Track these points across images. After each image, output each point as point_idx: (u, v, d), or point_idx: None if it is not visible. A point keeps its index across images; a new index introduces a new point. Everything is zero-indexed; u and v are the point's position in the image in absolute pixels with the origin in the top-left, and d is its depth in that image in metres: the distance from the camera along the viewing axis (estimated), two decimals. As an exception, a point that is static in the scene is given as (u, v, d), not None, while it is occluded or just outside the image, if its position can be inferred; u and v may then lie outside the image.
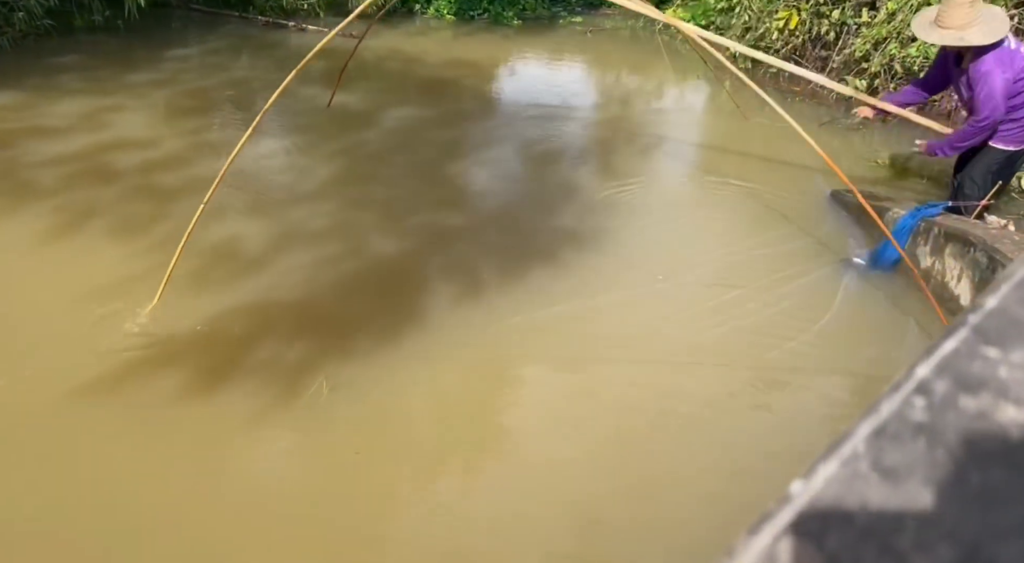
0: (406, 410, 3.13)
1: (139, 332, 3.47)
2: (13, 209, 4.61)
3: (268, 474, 2.80)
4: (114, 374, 3.20)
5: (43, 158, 5.46)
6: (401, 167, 5.63)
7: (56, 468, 2.76)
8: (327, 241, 4.38)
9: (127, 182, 5.13)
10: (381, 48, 9.10)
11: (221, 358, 3.34)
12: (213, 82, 7.66)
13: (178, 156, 5.62)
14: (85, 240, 4.35)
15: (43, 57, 7.95)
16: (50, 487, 2.68)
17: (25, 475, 2.73)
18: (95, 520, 2.55)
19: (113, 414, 3.02)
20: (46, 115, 6.32)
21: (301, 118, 6.72)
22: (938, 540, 0.36)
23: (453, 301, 3.88)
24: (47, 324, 3.55)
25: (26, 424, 2.94)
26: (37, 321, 3.58)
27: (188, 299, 3.75)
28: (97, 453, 2.84)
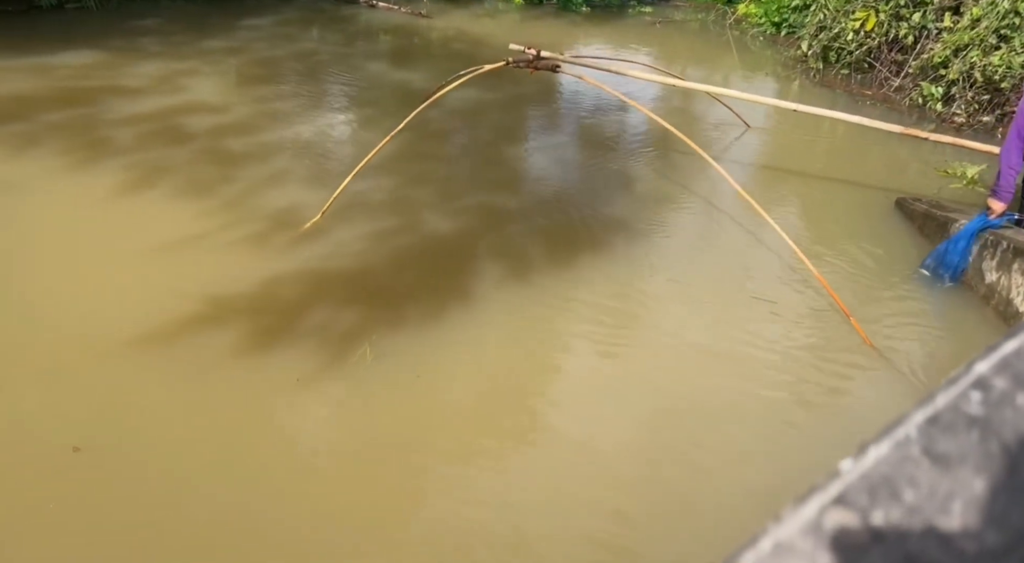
0: (447, 382, 3.19)
1: (201, 288, 3.60)
2: (90, 162, 4.81)
3: (310, 433, 2.89)
4: (175, 326, 3.33)
5: (120, 116, 5.67)
6: (460, 147, 5.68)
7: (111, 411, 2.89)
8: (384, 215, 4.46)
9: (197, 144, 5.30)
10: (448, 28, 9.15)
11: (277, 319, 3.45)
12: (283, 53, 7.81)
13: (246, 122, 5.77)
14: (154, 197, 4.52)
15: (126, 20, 8.22)
16: (102, 428, 2.81)
17: (81, 414, 2.87)
18: (141, 463, 2.68)
19: (171, 364, 3.15)
20: (126, 75, 6.55)
21: (368, 91, 6.81)
22: (985, 525, 0.38)
23: (501, 280, 3.92)
24: (113, 274, 3.72)
25: (88, 367, 3.09)
26: (104, 270, 3.75)
27: (249, 261, 3.87)
28: (151, 400, 2.97)
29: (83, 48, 7.14)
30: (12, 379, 3.00)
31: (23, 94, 5.85)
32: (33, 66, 6.47)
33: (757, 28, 9.68)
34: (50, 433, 2.75)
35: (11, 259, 3.77)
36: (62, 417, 2.83)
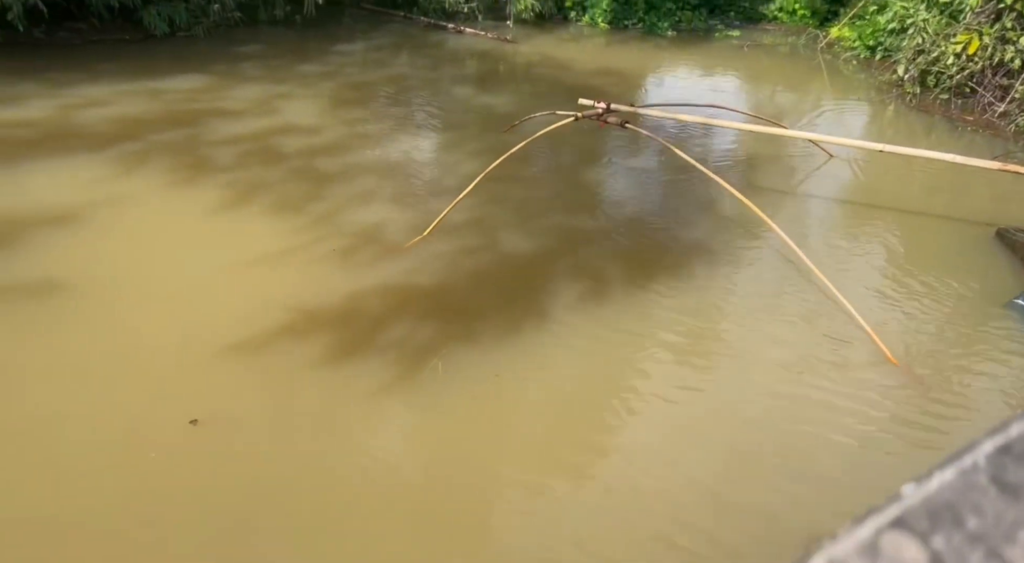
0: (518, 404, 3.22)
1: (290, 300, 3.76)
2: (193, 180, 5.12)
3: (382, 444, 2.97)
4: (265, 335, 3.49)
5: (222, 137, 6.01)
6: (540, 168, 5.74)
7: (196, 412, 3.05)
8: (464, 234, 4.55)
9: (290, 164, 5.55)
10: (532, 53, 9.29)
11: (358, 332, 3.57)
12: (374, 77, 8.11)
13: (336, 143, 6.02)
14: (250, 213, 4.75)
15: (230, 46, 8.73)
16: (187, 431, 2.97)
17: (168, 415, 3.04)
18: (216, 466, 2.81)
19: (255, 371, 3.30)
20: (227, 98, 6.94)
21: (453, 115, 6.99)
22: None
23: (576, 302, 3.93)
24: (213, 283, 3.93)
25: (178, 372, 3.27)
26: (204, 280, 3.97)
27: (335, 275, 4.02)
28: (234, 404, 3.12)
29: (191, 73, 7.61)
30: (121, 374, 3.20)
31: (137, 115, 6.29)
32: (147, 90, 6.95)
33: (850, 52, 9.42)
34: (145, 439, 2.92)
35: (125, 266, 4.05)
36: (156, 421, 3.01)
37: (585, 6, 10.64)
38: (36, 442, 2.85)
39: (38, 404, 3.05)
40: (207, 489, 2.69)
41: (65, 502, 2.61)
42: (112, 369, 3.28)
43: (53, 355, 3.34)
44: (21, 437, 2.88)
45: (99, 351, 3.39)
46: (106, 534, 2.50)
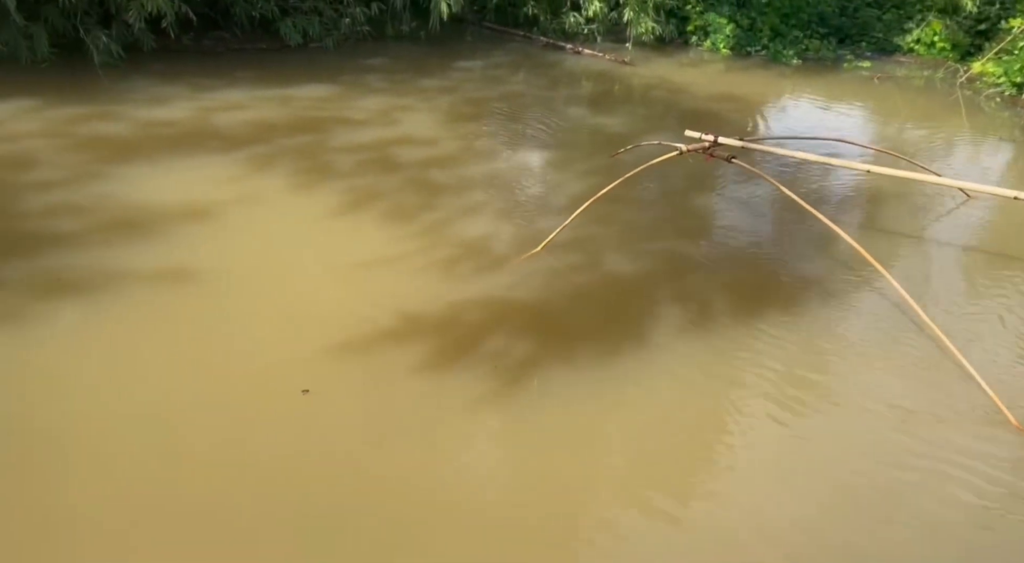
0: (614, 428, 3.18)
1: (395, 305, 3.87)
2: (315, 184, 5.37)
3: (469, 455, 3.00)
4: (369, 337, 3.61)
5: (344, 144, 6.29)
6: (648, 191, 5.67)
7: (299, 406, 3.18)
8: (568, 252, 4.55)
9: (405, 174, 5.73)
10: (650, 76, 9.23)
11: (457, 341, 3.63)
12: (490, 93, 8.27)
13: (450, 156, 6.17)
14: (364, 219, 4.94)
15: (357, 58, 9.14)
16: (287, 429, 3.09)
17: (272, 405, 3.17)
18: (311, 460, 2.90)
19: (358, 369, 3.42)
20: (352, 108, 7.26)
21: (565, 134, 7.04)
22: None
23: (680, 330, 3.85)
24: (325, 283, 4.12)
25: (287, 363, 3.42)
26: (317, 279, 4.17)
27: (440, 283, 4.12)
28: (334, 399, 3.23)
29: (319, 82, 8.01)
30: (234, 359, 3.39)
31: (269, 120, 6.68)
32: (279, 96, 7.38)
33: (994, 88, 8.83)
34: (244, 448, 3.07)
35: (248, 259, 4.32)
36: (260, 408, 3.16)
37: (707, 31, 10.48)
38: (154, 413, 3.06)
39: (160, 379, 3.27)
40: (301, 482, 2.79)
41: (169, 481, 2.77)
42: (226, 354, 3.49)
43: (177, 336, 3.58)
44: (146, 406, 3.09)
45: (217, 335, 3.61)
46: (211, 509, 2.64)
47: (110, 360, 3.39)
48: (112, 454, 2.86)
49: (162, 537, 2.52)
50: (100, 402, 3.12)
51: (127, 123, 6.35)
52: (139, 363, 3.38)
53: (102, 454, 2.85)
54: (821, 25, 10.62)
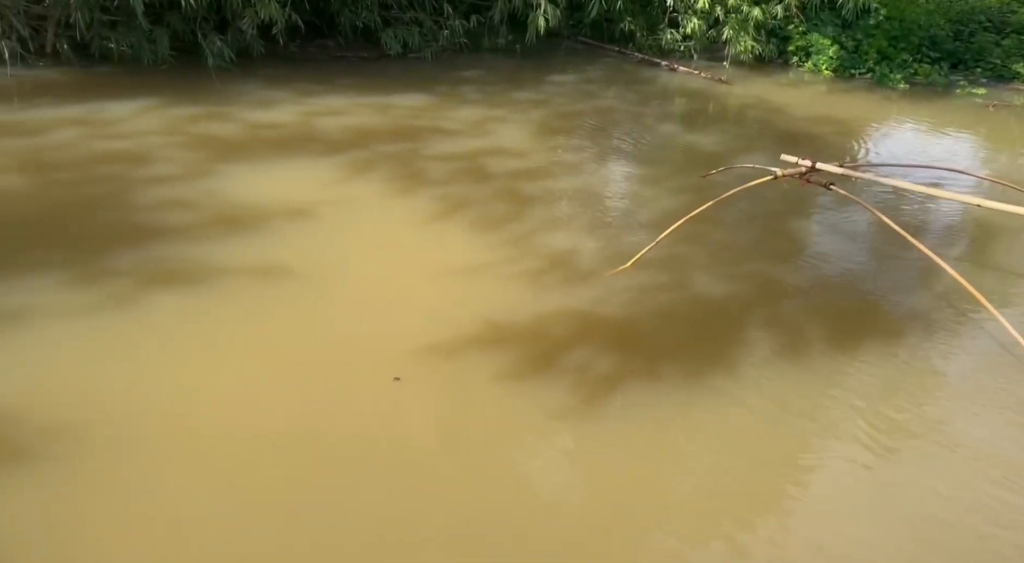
0: (693, 453, 3.12)
1: (481, 313, 3.91)
2: (408, 190, 5.51)
3: (544, 468, 2.99)
4: (453, 343, 3.65)
5: (437, 153, 6.42)
6: (741, 212, 5.54)
7: (380, 405, 3.25)
8: (655, 270, 4.50)
9: (495, 184, 5.80)
10: (746, 95, 9.04)
11: (540, 353, 3.64)
12: (581, 108, 8.28)
13: (539, 168, 6.21)
14: (453, 226, 5.02)
15: (454, 69, 9.33)
16: (367, 423, 3.16)
17: (353, 404, 3.25)
18: (388, 460, 2.95)
19: (439, 373, 3.46)
20: (446, 118, 7.41)
21: (657, 151, 6.98)
22: None
23: (768, 358, 3.75)
24: (413, 287, 4.21)
25: (371, 362, 3.50)
26: (406, 283, 4.26)
27: (525, 295, 4.14)
28: (414, 401, 3.28)
29: (416, 92, 8.21)
30: (320, 356, 3.50)
31: (367, 126, 6.89)
32: (377, 104, 7.60)
33: (1122, 120, 8.22)
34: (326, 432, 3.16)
35: (341, 260, 4.46)
36: (341, 405, 3.25)
37: (809, 51, 10.18)
38: (243, 399, 3.19)
39: (251, 367, 3.42)
40: (375, 476, 2.86)
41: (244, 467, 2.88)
42: (315, 347, 3.61)
43: (271, 327, 3.74)
44: (236, 392, 3.23)
45: (308, 330, 3.74)
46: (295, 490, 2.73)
47: (205, 347, 3.55)
48: (201, 435, 2.99)
49: (240, 519, 2.62)
50: (193, 385, 3.28)
51: (236, 124, 6.68)
52: (232, 351, 3.54)
53: (192, 435, 2.99)
54: (933, 49, 10.16)
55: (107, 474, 2.76)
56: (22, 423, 2.91)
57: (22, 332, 3.46)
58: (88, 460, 2.81)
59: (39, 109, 6.61)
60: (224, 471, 2.82)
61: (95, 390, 3.18)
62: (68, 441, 2.87)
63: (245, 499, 2.71)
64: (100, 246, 4.31)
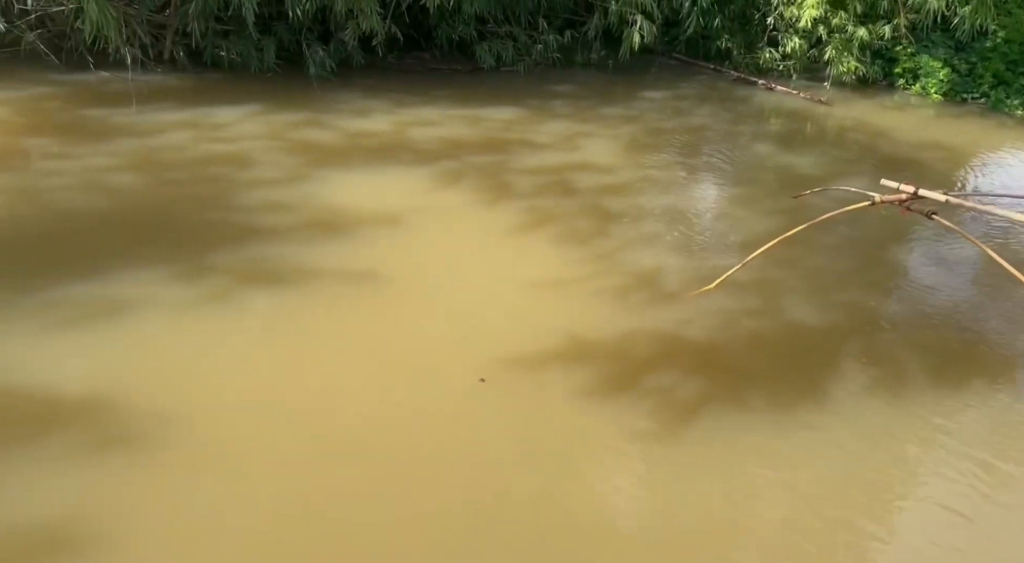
0: (771, 485, 3.00)
1: (562, 327, 3.90)
2: (495, 202, 5.56)
3: (619, 488, 2.94)
4: (533, 357, 3.65)
5: (525, 166, 6.46)
6: (839, 237, 5.33)
7: (457, 412, 3.27)
8: (745, 293, 4.38)
9: (582, 199, 5.79)
10: (847, 117, 8.73)
11: (622, 372, 3.59)
12: (672, 125, 8.18)
13: (628, 185, 6.15)
14: (538, 239, 5.03)
15: (545, 83, 9.38)
16: (442, 429, 3.18)
17: (432, 406, 3.28)
18: (462, 467, 2.96)
19: (520, 384, 3.46)
20: (536, 131, 7.45)
21: (749, 171, 6.81)
22: None
23: (863, 392, 3.58)
24: (496, 297, 4.24)
25: (452, 368, 3.53)
26: (490, 293, 4.29)
27: (609, 312, 4.10)
28: (494, 410, 3.29)
29: (507, 105, 8.30)
30: (402, 358, 3.56)
31: (458, 138, 7.01)
32: (469, 116, 7.72)
33: None
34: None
35: (428, 267, 4.54)
36: (421, 406, 3.28)
37: (917, 74, 9.73)
38: (321, 398, 3.27)
39: (333, 366, 3.52)
40: (445, 482, 2.88)
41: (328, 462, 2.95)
42: (398, 351, 3.67)
43: (356, 329, 3.83)
44: (315, 391, 3.32)
45: (392, 333, 3.82)
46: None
47: (295, 344, 3.67)
48: (285, 428, 3.09)
49: (317, 509, 2.69)
50: (282, 380, 3.40)
51: (334, 131, 6.91)
52: (320, 349, 3.65)
53: (277, 427, 3.10)
54: (1055, 73, 9.55)
55: (199, 458, 2.88)
56: (127, 407, 3.08)
57: (131, 322, 3.66)
58: (183, 444, 2.94)
59: (155, 112, 7.02)
60: (303, 462, 2.92)
61: (192, 379, 3.33)
62: (166, 426, 3.01)
63: (324, 490, 2.78)
64: (204, 243, 4.53)
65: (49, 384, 3.16)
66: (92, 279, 3.96)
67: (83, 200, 5.06)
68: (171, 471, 2.81)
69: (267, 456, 2.94)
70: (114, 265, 4.14)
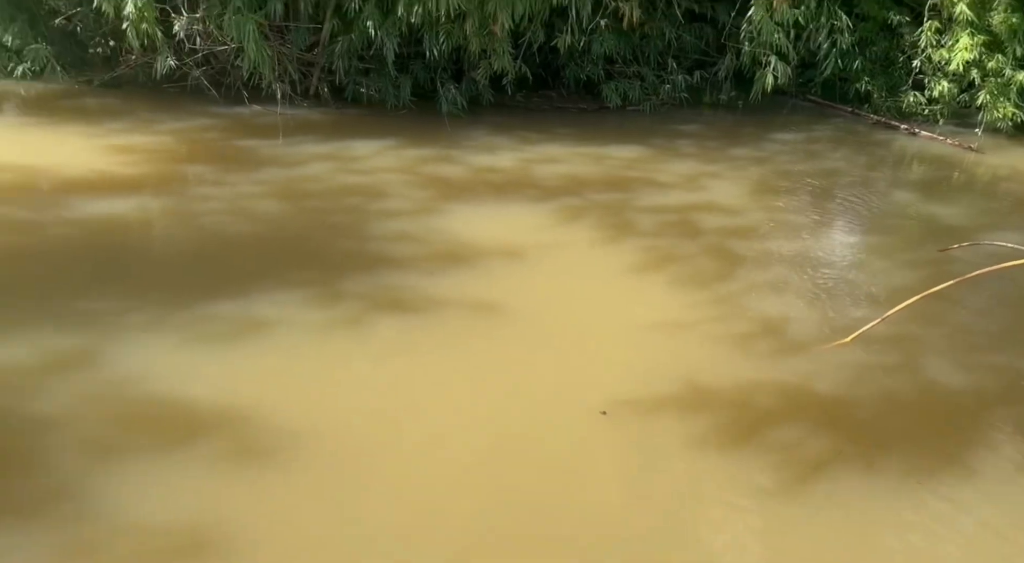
0: (897, 552, 2.77)
1: (678, 373, 3.80)
2: (615, 239, 5.54)
3: (733, 551, 2.78)
4: (645, 399, 3.57)
5: (647, 205, 6.42)
6: (990, 296, 4.93)
7: (565, 451, 3.24)
8: (881, 348, 4.12)
9: (705, 240, 5.67)
10: (1000, 165, 8.13)
11: (744, 424, 3.45)
12: (804, 168, 7.90)
13: (755, 228, 5.98)
14: (656, 280, 4.96)
15: (671, 123, 9.32)
16: (550, 467, 3.15)
17: (537, 452, 3.26)
18: (564, 511, 2.90)
19: (631, 433, 3.38)
20: (659, 170, 7.41)
21: (888, 219, 6.46)
22: None
23: (1014, 466, 3.26)
24: (609, 335, 4.20)
25: (562, 407, 3.51)
26: (602, 330, 4.26)
27: (730, 359, 3.97)
28: (601, 458, 3.22)
29: (632, 143, 8.30)
30: (513, 393, 3.59)
31: (581, 175, 7.07)
32: (593, 154, 7.78)
33: None
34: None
35: (545, 302, 4.56)
36: (528, 444, 3.28)
37: (1086, 121, 8.95)
38: (437, 426, 3.33)
39: (450, 396, 3.58)
40: (550, 522, 2.83)
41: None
42: (513, 385, 3.69)
43: (474, 360, 3.90)
44: (432, 420, 3.38)
45: (508, 366, 3.85)
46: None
47: (417, 372, 3.77)
48: (402, 455, 3.16)
49: (419, 539, 2.72)
50: (402, 406, 3.48)
51: (462, 167, 7.15)
52: (439, 378, 3.72)
53: (395, 453, 3.16)
54: None
55: (326, 473, 2.99)
56: (261, 420, 3.26)
57: (267, 341, 3.89)
58: (312, 459, 3.06)
59: (299, 144, 7.53)
60: (418, 484, 2.97)
61: (321, 398, 3.49)
62: (297, 440, 3.15)
63: (434, 512, 2.83)
64: (337, 269, 4.78)
65: (192, 394, 3.40)
66: (236, 298, 4.25)
67: (232, 224, 5.48)
68: (300, 483, 2.94)
69: (386, 476, 3.02)
70: (256, 285, 4.44)
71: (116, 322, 3.92)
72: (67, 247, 4.93)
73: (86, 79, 8.95)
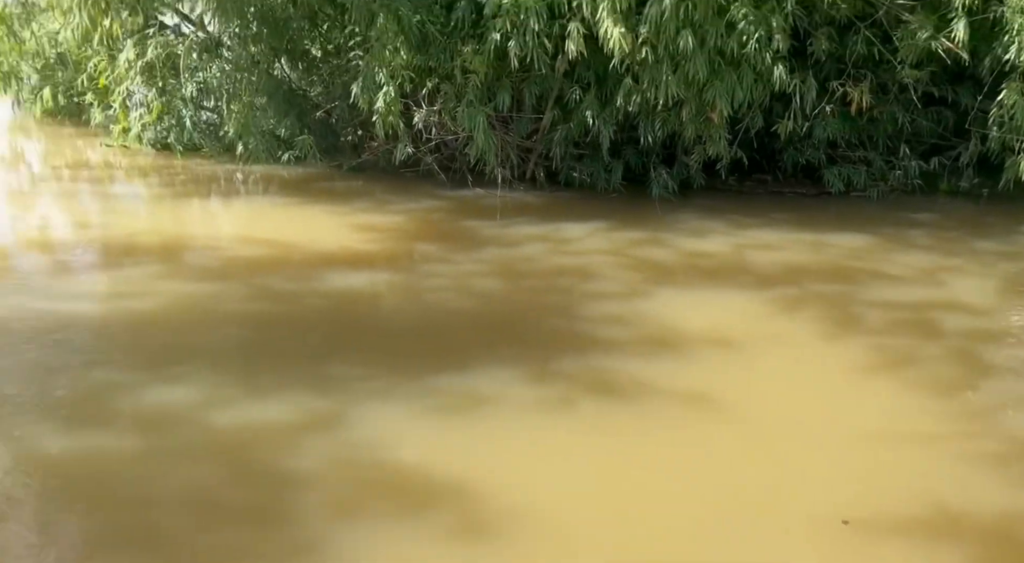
0: None
1: (923, 492, 3.39)
2: (842, 336, 5.17)
3: None
4: (884, 522, 3.19)
5: (875, 299, 5.95)
6: None
7: None
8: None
9: (948, 343, 5.12)
10: None
11: (1007, 558, 2.99)
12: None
13: (1010, 332, 5.34)
14: (889, 384, 4.53)
15: (901, 211, 8.66)
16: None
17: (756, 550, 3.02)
18: None
19: (867, 558, 3.02)
20: (889, 262, 6.87)
21: None
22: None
23: None
24: (841, 443, 3.84)
25: (777, 523, 3.20)
26: (833, 437, 3.92)
27: (985, 481, 3.48)
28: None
29: (856, 231, 7.80)
30: (731, 496, 3.39)
31: (800, 264, 6.75)
32: (812, 241, 7.41)
33: None
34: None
35: (763, 398, 4.33)
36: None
37: None
38: (642, 520, 3.21)
39: (658, 493, 3.44)
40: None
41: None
42: (719, 489, 3.44)
43: (684, 456, 3.74)
44: (638, 512, 3.27)
45: (715, 468, 3.62)
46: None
47: (622, 460, 3.69)
48: (598, 542, 3.06)
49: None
50: (607, 493, 3.41)
51: (671, 250, 7.14)
52: (645, 469, 3.61)
53: (594, 540, 3.07)
54: None
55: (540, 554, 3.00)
56: (483, 494, 3.34)
57: (483, 418, 4.04)
58: (532, 539, 3.06)
59: (516, 225, 7.96)
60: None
61: (535, 476, 3.52)
62: (517, 518, 3.17)
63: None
64: (549, 348, 4.91)
65: (423, 464, 3.56)
66: (458, 372, 4.49)
67: (454, 300, 5.86)
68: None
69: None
70: (474, 360, 4.67)
71: (358, 388, 4.28)
72: (315, 315, 5.54)
73: (336, 164, 10.21)
